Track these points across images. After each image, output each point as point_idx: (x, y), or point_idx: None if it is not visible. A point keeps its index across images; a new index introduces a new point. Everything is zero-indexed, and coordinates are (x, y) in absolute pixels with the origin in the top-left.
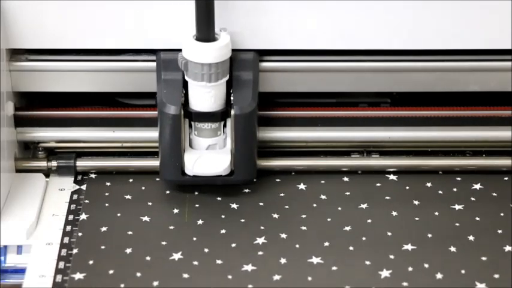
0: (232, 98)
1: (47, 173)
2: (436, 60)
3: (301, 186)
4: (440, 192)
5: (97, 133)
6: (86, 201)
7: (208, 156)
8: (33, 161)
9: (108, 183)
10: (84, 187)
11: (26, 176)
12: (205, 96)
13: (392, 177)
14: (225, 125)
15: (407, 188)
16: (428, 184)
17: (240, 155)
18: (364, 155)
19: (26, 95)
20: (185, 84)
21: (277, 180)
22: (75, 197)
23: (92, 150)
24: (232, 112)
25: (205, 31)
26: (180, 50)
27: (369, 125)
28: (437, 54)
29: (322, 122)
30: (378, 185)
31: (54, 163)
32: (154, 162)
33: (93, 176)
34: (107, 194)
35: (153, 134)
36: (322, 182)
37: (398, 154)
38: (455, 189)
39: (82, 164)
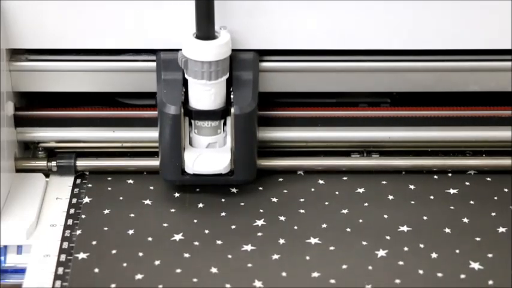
0: (232, 97)
1: (47, 173)
2: (436, 60)
3: (300, 171)
4: (435, 177)
5: (97, 133)
6: (89, 185)
7: (208, 154)
8: (33, 161)
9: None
10: (87, 172)
11: (26, 176)
12: (205, 94)
13: None
14: (225, 123)
15: (403, 173)
16: (424, 170)
17: (240, 155)
18: (364, 155)
19: (26, 95)
20: (185, 83)
21: None
22: (78, 181)
23: (92, 150)
24: (232, 112)
25: (205, 29)
26: (180, 50)
27: (369, 125)
28: (437, 54)
29: (322, 122)
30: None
31: (54, 163)
32: (154, 162)
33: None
34: (109, 178)
35: (153, 134)
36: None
37: (399, 154)
38: (450, 174)
39: (82, 164)
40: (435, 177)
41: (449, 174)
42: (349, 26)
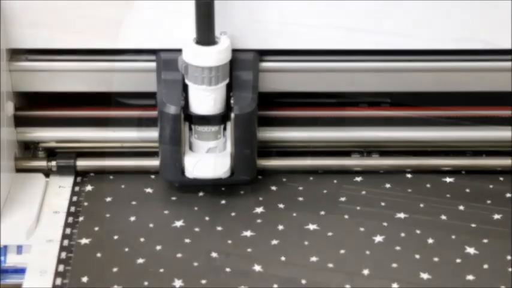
0: (232, 101)
1: (47, 172)
2: (436, 60)
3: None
4: None
5: (97, 133)
6: (92, 174)
7: (209, 159)
8: (33, 161)
9: None
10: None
11: (26, 176)
12: (205, 99)
13: None
14: (225, 128)
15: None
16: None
17: (240, 155)
18: (364, 155)
19: (26, 95)
20: (185, 87)
21: None
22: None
23: (92, 150)
24: (233, 112)
25: (206, 34)
26: (180, 50)
27: (369, 125)
28: (437, 54)
29: (322, 122)
30: None
31: (54, 163)
32: (154, 162)
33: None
34: None
35: (153, 134)
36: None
37: (399, 154)
38: None
39: (82, 164)
40: None
41: None
42: (349, 26)
